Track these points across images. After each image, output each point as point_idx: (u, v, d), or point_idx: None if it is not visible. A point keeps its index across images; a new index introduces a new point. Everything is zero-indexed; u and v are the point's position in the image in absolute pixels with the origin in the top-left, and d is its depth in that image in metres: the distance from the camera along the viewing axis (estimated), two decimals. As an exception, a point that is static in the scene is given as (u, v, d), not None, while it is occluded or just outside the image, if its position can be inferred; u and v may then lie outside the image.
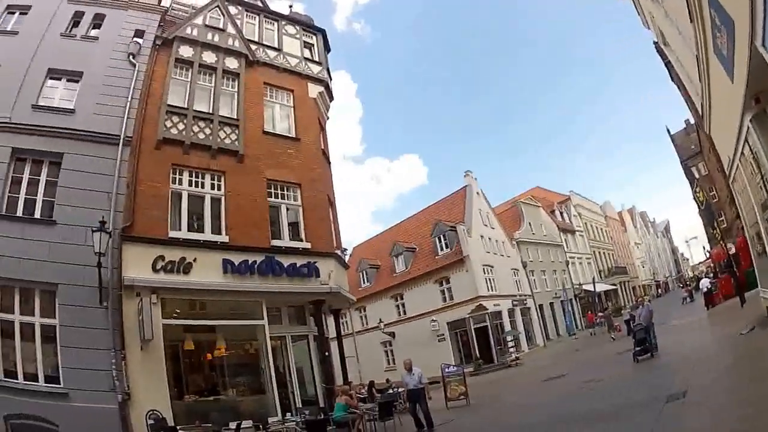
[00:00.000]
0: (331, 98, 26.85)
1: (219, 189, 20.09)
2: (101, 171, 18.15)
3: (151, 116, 19.75)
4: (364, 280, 55.32)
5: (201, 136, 20.39)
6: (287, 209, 21.40)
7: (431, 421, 17.66)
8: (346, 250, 26.27)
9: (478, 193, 52.79)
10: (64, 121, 18.70)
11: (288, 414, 18.62)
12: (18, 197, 17.68)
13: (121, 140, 18.66)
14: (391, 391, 25.98)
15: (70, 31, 21.09)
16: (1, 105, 18.33)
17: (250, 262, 19.16)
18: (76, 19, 21.38)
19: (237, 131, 21.18)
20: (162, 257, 17.82)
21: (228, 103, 21.80)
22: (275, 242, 20.30)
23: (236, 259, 18.99)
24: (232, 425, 16.34)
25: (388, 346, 51.56)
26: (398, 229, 60.81)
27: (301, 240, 21.12)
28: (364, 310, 54.13)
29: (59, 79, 19.87)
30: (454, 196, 53.71)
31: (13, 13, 21.26)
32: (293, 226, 21.46)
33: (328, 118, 27.07)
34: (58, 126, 18.49)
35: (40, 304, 16.65)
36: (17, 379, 15.83)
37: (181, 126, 20.17)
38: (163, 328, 17.20)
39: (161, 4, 23.28)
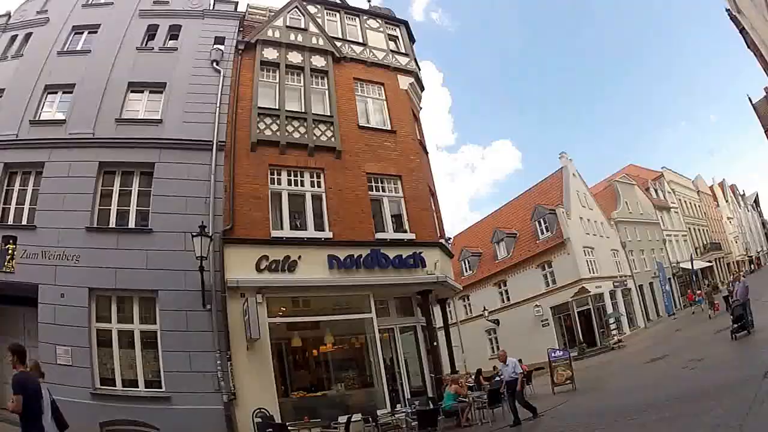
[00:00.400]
0: (422, 88, 25.79)
1: (319, 186, 19.48)
2: (195, 177, 18.05)
3: (243, 119, 19.37)
4: (466, 268, 54.11)
5: (296, 135, 19.77)
6: (389, 201, 20.52)
7: (533, 408, 16.20)
8: (449, 238, 25.22)
9: (574, 174, 50.63)
10: (153, 132, 18.86)
11: (398, 405, 17.94)
12: (109, 209, 17.86)
13: (215, 145, 18.42)
14: (498, 378, 25.03)
15: (145, 44, 21.23)
16: (82, 121, 18.76)
17: (355, 256, 18.40)
18: (151, 32, 21.64)
19: (332, 128, 20.46)
20: (266, 257, 17.38)
21: (320, 101, 21.16)
22: (379, 235, 19.48)
23: (341, 254, 18.28)
24: (342, 419, 15.73)
25: (492, 334, 49.99)
26: (497, 215, 59.22)
27: (405, 231, 20.22)
28: (468, 299, 52.88)
29: (141, 91, 20.05)
30: (551, 179, 51.80)
31: (81, 33, 21.71)
32: (396, 217, 20.57)
33: (421, 109, 26.06)
34: (147, 137, 18.67)
35: (139, 311, 16.83)
36: (115, 386, 16.09)
37: (274, 127, 19.65)
38: (268, 327, 16.89)
39: (237, 10, 22.87)
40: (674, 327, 41.14)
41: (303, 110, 20.47)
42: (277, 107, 20.12)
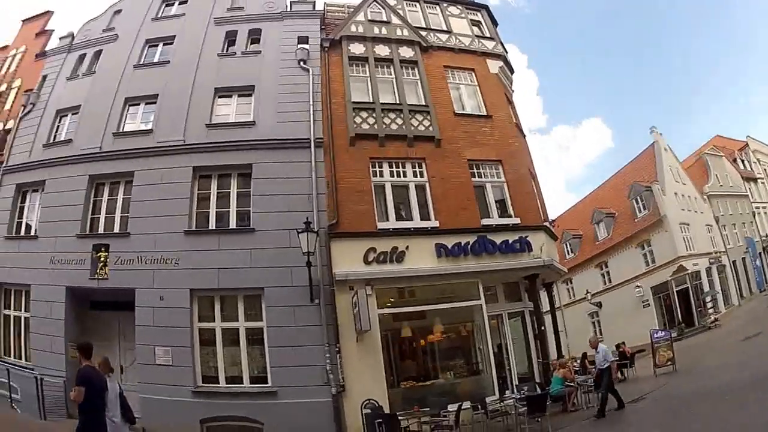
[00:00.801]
0: (512, 71, 24.98)
1: (422, 176, 18.95)
2: (294, 175, 17.99)
3: (338, 115, 19.14)
4: (568, 251, 52.46)
5: (394, 127, 19.40)
6: (492, 187, 19.76)
7: (614, 399, 15.30)
8: (553, 221, 24.44)
9: (665, 149, 48.37)
10: (247, 134, 18.91)
11: (506, 392, 17.25)
12: (207, 212, 18.09)
13: (312, 142, 18.27)
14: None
15: (227, 50, 21.37)
16: (170, 129, 19.35)
17: (462, 243, 17.75)
18: (230, 38, 21.79)
19: (429, 117, 19.92)
20: (373, 249, 17.12)
21: (413, 91, 20.69)
22: (485, 221, 18.75)
23: (449, 242, 17.69)
24: (451, 408, 15.23)
25: (595, 317, 48.15)
26: (595, 195, 57.57)
27: (510, 216, 19.39)
28: (571, 282, 51.13)
29: (229, 96, 20.19)
30: (644, 156, 49.89)
31: (156, 45, 22.21)
32: (500, 203, 19.76)
33: (513, 92, 25.15)
34: (242, 139, 18.69)
35: (244, 309, 16.97)
36: (218, 383, 16.41)
37: (371, 120, 19.33)
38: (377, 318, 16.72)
39: (315, 9, 22.71)
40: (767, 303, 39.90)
41: (398, 101, 20.04)
42: (371, 101, 19.79)
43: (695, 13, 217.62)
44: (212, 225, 17.91)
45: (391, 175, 18.80)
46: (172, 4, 23.70)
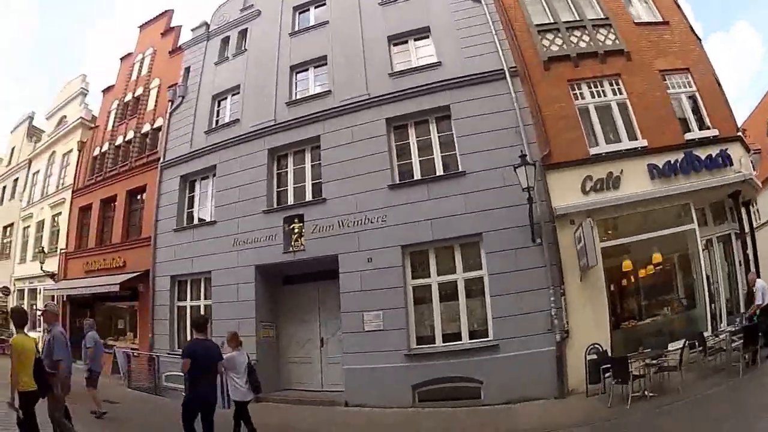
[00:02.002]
0: (666, -28, 23.30)
1: (621, 93, 17.77)
2: (495, 109, 17.21)
3: (524, 41, 18.24)
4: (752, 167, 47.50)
5: (582, 44, 18.31)
6: (686, 97, 18.54)
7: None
8: (744, 129, 23.28)
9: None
10: (435, 76, 18.28)
11: (721, 325, 16.27)
12: (410, 162, 17.66)
13: (507, 73, 17.43)
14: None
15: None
16: (349, 87, 19.40)
17: (672, 162, 16.61)
18: None
19: (612, 29, 18.71)
20: (589, 177, 16.20)
21: (588, 5, 19.53)
22: (687, 135, 17.53)
23: (659, 161, 16.55)
24: (672, 347, 14.37)
25: None
26: (762, 108, 48.83)
27: (708, 128, 18.07)
28: (755, 204, 45.30)
29: (405, 42, 19.95)
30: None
31: (306, 10, 22.41)
32: (695, 114, 18.55)
33: (674, -8, 23.43)
34: (433, 81, 18.10)
35: (462, 259, 16.46)
36: (433, 343, 16.03)
37: (558, 41, 18.32)
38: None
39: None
40: None
41: (578, 17, 19.03)
42: (552, 21, 18.79)
43: None
44: (417, 175, 17.59)
45: (592, 96, 17.69)
46: (309, -31, 23.36)
